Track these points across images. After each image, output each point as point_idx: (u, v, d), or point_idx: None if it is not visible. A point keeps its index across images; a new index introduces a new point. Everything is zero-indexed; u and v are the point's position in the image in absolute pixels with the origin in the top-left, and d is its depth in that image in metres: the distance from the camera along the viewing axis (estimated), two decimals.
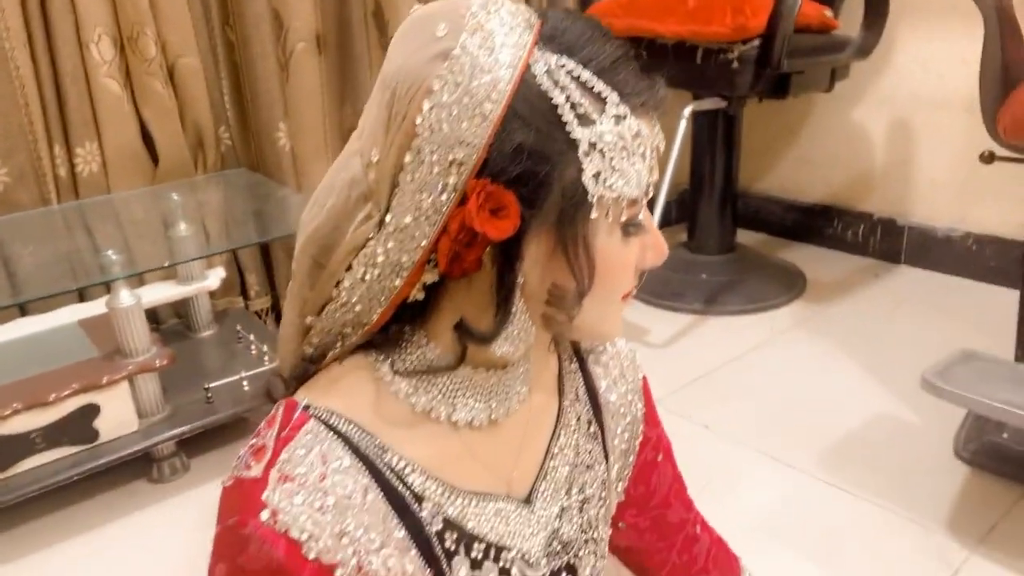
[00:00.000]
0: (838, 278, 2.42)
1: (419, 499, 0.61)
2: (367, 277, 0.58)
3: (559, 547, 0.71)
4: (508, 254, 0.56)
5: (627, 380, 0.79)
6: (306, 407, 0.60)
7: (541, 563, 0.69)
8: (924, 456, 1.55)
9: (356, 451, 0.59)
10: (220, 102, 1.99)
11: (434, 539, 0.61)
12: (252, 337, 1.84)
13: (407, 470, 0.61)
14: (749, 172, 2.68)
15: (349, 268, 0.59)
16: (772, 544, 1.05)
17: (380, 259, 0.57)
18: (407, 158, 0.55)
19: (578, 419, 0.74)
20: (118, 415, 1.50)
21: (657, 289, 2.19)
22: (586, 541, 0.73)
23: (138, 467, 1.61)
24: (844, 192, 2.55)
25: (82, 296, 1.86)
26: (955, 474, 1.49)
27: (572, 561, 0.72)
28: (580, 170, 0.55)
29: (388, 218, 0.56)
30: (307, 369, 0.66)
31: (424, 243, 0.56)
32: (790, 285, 2.32)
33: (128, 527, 1.49)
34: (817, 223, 2.62)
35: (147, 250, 1.66)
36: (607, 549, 0.78)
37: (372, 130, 0.58)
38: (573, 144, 0.55)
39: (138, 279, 1.77)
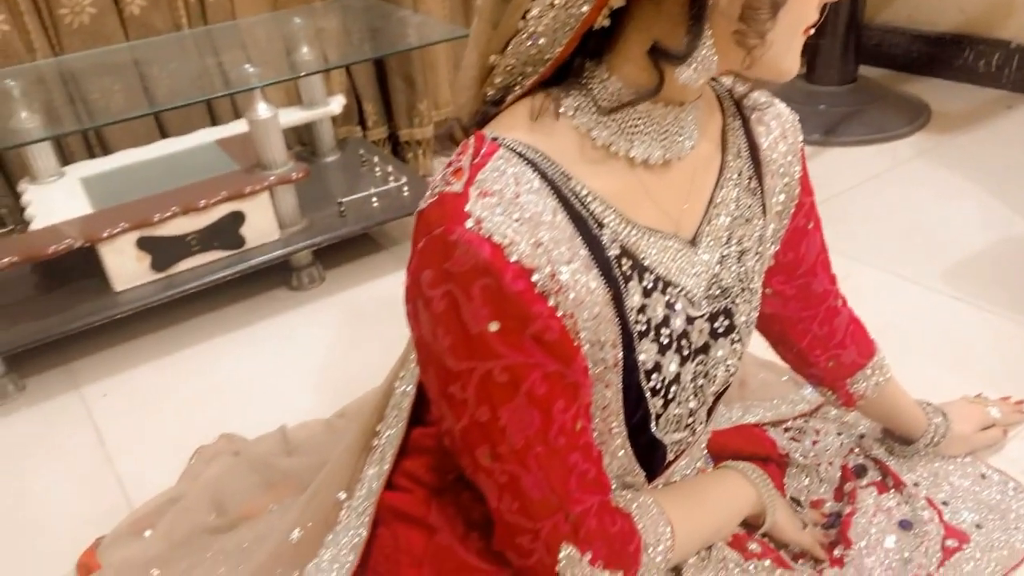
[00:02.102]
0: (966, 110, 2.29)
1: (600, 224, 0.64)
2: (555, 2, 0.59)
3: (718, 291, 0.74)
4: None
5: (787, 141, 0.79)
6: (494, 139, 0.63)
7: (702, 304, 0.73)
8: None
9: (543, 176, 0.62)
10: None
11: (613, 262, 0.65)
12: (376, 160, 1.89)
13: (589, 197, 0.64)
14: (874, 1, 2.52)
15: None
16: (902, 353, 1.07)
17: None
18: None
19: (739, 174, 0.75)
20: (261, 223, 1.59)
21: None
22: (742, 290, 0.76)
23: (279, 275, 1.72)
24: (980, 18, 2.38)
25: (214, 120, 1.95)
26: None
27: (729, 306, 0.75)
28: None
29: None
30: (488, 113, 0.68)
31: None
32: (914, 116, 2.21)
33: (271, 328, 1.61)
34: (946, 53, 2.46)
35: (276, 67, 1.70)
36: (759, 302, 0.81)
37: None
38: None
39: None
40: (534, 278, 0.59)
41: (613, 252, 0.65)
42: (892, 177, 1.96)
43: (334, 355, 1.51)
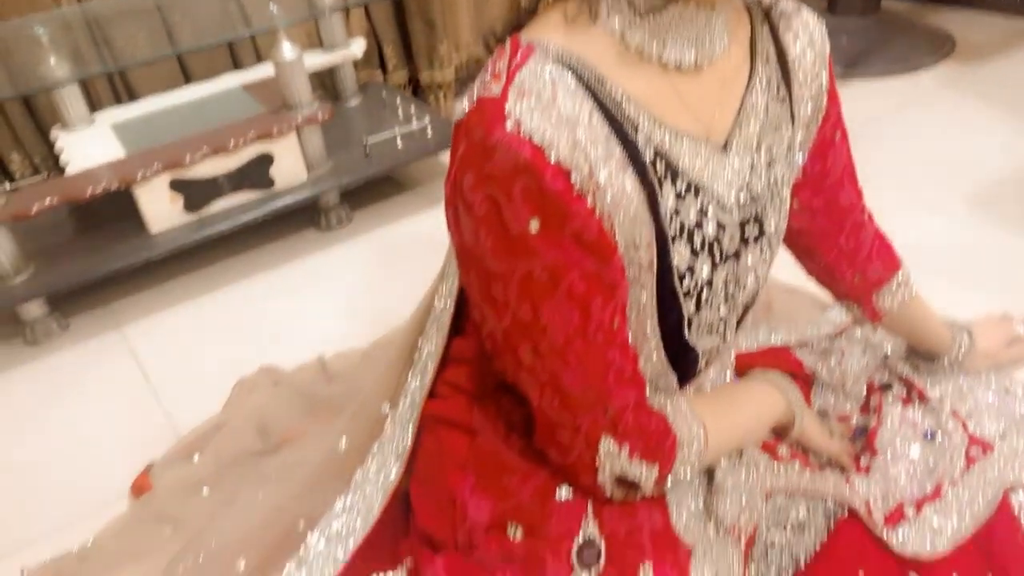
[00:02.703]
0: (992, 40, 2.26)
1: (634, 127, 0.66)
2: None
3: (748, 198, 0.75)
4: None
5: (815, 49, 0.80)
6: (530, 43, 0.65)
7: (733, 210, 0.74)
8: None
9: (579, 79, 0.63)
10: None
11: (648, 165, 0.66)
12: (398, 101, 1.90)
13: (623, 100, 0.65)
14: None
15: None
16: (927, 275, 1.08)
17: None
18: None
19: (768, 81, 0.76)
20: (289, 164, 1.61)
21: None
22: (772, 197, 0.78)
23: (307, 217, 1.75)
24: None
25: (238, 66, 1.96)
26: None
27: (759, 213, 0.77)
28: None
29: None
30: (521, 20, 0.69)
31: None
32: (937, 47, 2.18)
33: (302, 268, 1.65)
34: None
35: (297, 9, 1.71)
36: (788, 211, 0.82)
37: None
38: None
39: None
40: (572, 178, 0.61)
41: (648, 155, 0.66)
42: (915, 108, 1.94)
43: (364, 292, 1.54)
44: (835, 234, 0.95)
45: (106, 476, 1.16)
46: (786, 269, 1.06)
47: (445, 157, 1.82)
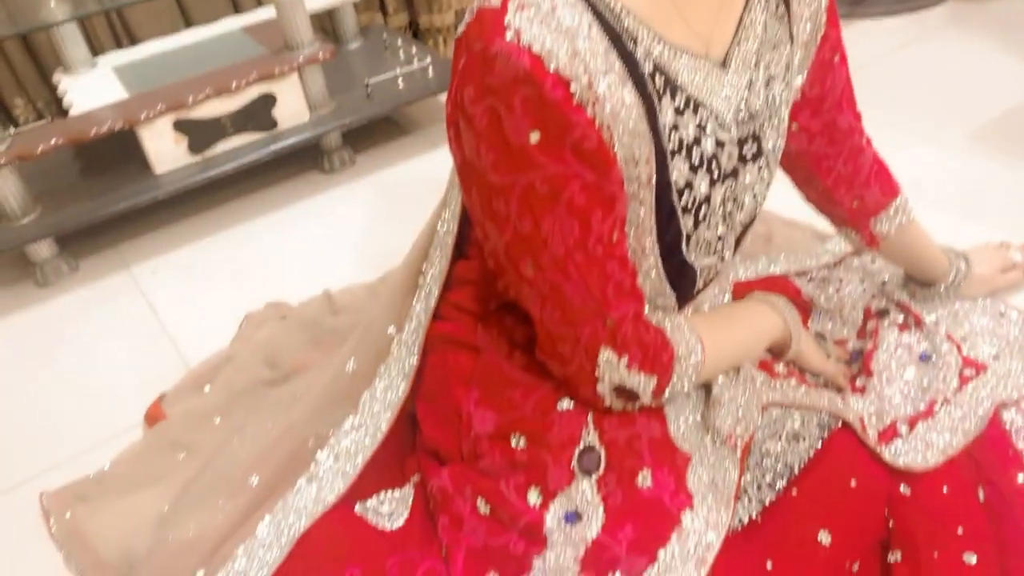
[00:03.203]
0: None
1: (634, 40, 0.66)
2: None
3: (747, 116, 0.76)
4: None
5: None
6: None
7: (731, 127, 0.75)
8: None
9: None
10: None
11: (647, 78, 0.67)
12: (399, 43, 1.90)
13: (623, 13, 0.66)
14: None
15: None
16: (927, 207, 1.09)
17: None
18: None
19: None
20: (291, 105, 1.61)
21: None
22: (770, 116, 0.79)
23: (311, 159, 1.75)
24: None
25: (237, 9, 1.95)
26: None
27: (757, 132, 0.78)
28: None
29: None
30: None
31: None
32: None
33: (306, 209, 1.66)
34: None
35: None
36: (786, 131, 0.83)
37: None
38: None
39: None
40: (572, 88, 0.62)
41: (647, 68, 0.67)
42: (920, 46, 1.93)
43: (368, 233, 1.56)
44: (833, 157, 0.95)
45: (119, 408, 1.19)
46: (786, 203, 1.07)
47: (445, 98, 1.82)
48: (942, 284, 1.10)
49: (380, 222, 1.58)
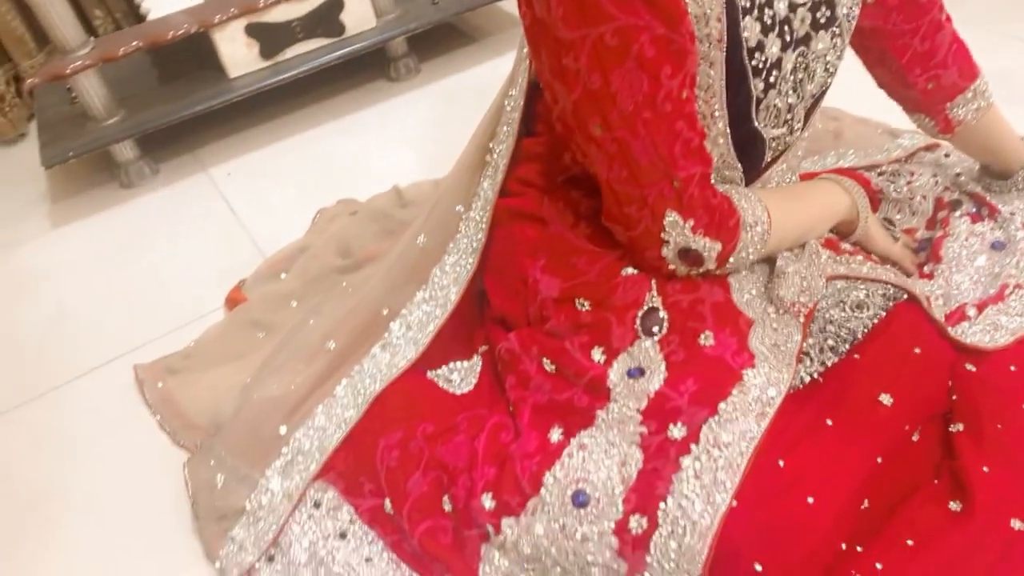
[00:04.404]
0: None
1: None
2: None
3: None
4: None
5: None
6: None
7: None
8: None
9: None
10: None
11: None
12: None
13: None
14: None
15: None
16: (1011, 101, 1.04)
17: None
18: None
19: None
20: (358, 10, 1.63)
21: None
22: None
23: (377, 67, 1.77)
24: None
25: None
26: None
27: None
28: None
29: None
30: None
31: None
32: None
33: (372, 115, 1.68)
34: None
35: None
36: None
37: None
38: None
39: None
40: None
41: None
42: None
43: (433, 138, 1.58)
44: (910, 35, 0.92)
45: (203, 294, 1.25)
46: (858, 100, 1.04)
47: (509, 6, 1.81)
48: (1020, 174, 1.07)
49: (445, 128, 1.60)
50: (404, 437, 0.84)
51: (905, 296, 0.83)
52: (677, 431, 0.71)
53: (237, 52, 1.55)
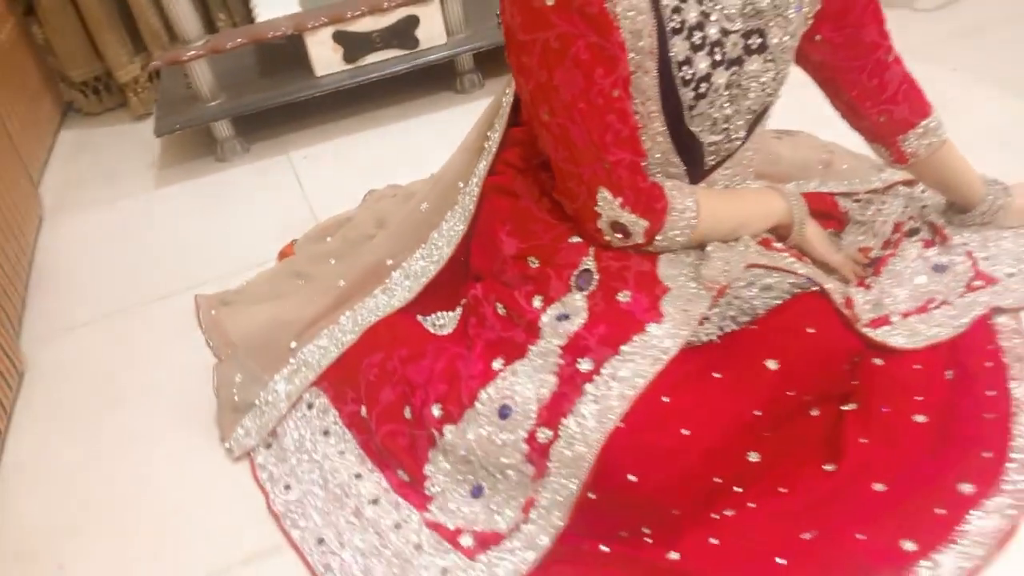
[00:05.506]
0: None
1: None
2: None
3: (753, 12, 0.89)
4: None
5: None
6: None
7: (736, 20, 0.88)
8: None
9: None
10: None
11: None
12: None
13: None
14: None
15: None
16: (1004, 155, 1.12)
17: None
18: None
19: None
20: (432, 27, 1.84)
21: None
22: (776, 16, 0.90)
23: (446, 81, 1.98)
24: None
25: None
26: None
27: (763, 28, 0.90)
28: None
29: None
30: None
31: None
32: None
33: (435, 121, 1.88)
34: None
35: None
36: (796, 32, 0.94)
37: None
38: None
39: None
40: None
41: None
42: None
43: None
44: (857, 71, 1.03)
45: (263, 247, 1.47)
46: (852, 135, 1.14)
47: None
48: (979, 210, 1.14)
49: None
50: (384, 358, 1.02)
51: (815, 288, 0.94)
52: (585, 364, 0.86)
53: (324, 54, 1.79)
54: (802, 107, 1.16)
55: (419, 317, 1.10)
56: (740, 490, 0.88)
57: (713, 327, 0.91)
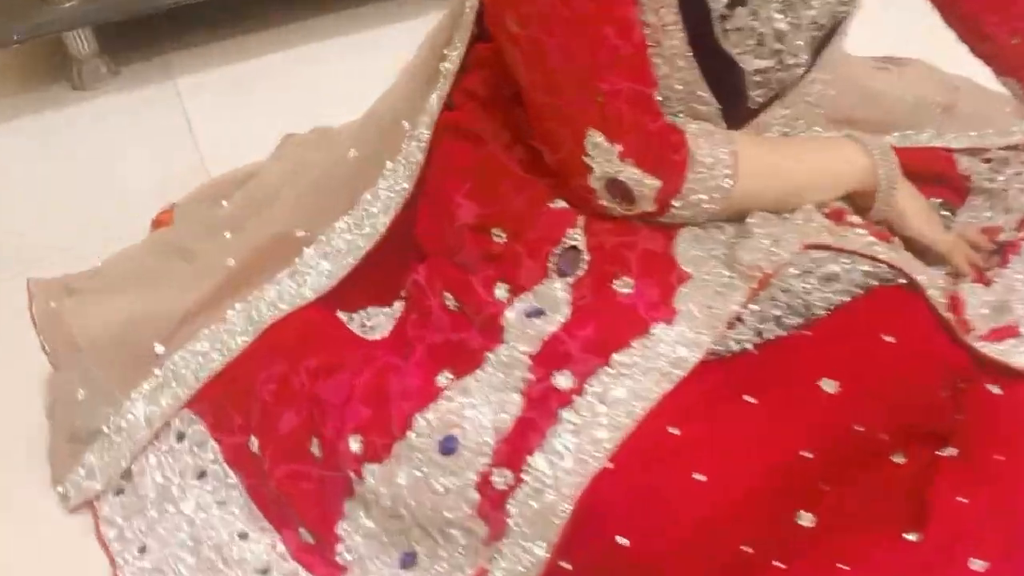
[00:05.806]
0: None
1: None
2: None
3: None
4: None
5: None
6: None
7: None
8: None
9: None
10: None
11: None
12: None
13: None
14: None
15: None
16: None
17: None
18: None
19: None
20: None
21: None
22: None
23: None
24: None
25: None
26: None
27: None
28: None
29: None
30: None
31: None
32: None
33: (387, 38, 1.92)
34: None
35: None
36: None
37: None
38: None
39: None
40: None
41: None
42: None
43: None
44: None
45: (133, 212, 1.52)
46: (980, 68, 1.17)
47: None
48: None
49: None
50: (287, 371, 1.06)
51: (902, 281, 0.97)
52: (563, 380, 0.90)
53: None
54: (909, 29, 1.18)
55: (340, 314, 1.13)
56: (782, 566, 0.90)
57: (748, 331, 0.93)
